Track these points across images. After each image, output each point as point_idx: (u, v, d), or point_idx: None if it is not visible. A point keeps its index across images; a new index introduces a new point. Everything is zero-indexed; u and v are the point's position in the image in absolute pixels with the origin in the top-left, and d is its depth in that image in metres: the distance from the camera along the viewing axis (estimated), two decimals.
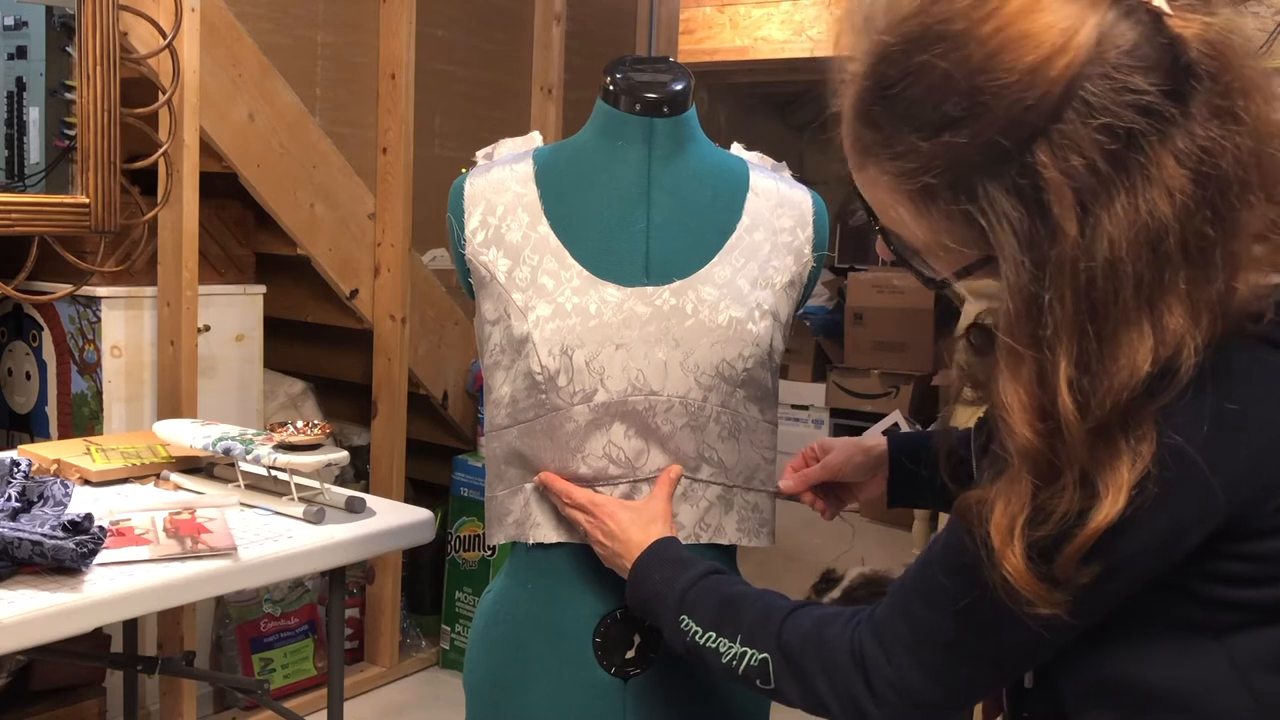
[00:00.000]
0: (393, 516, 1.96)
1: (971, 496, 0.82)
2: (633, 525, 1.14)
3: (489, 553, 3.37)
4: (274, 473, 1.97)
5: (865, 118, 0.82)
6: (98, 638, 2.51)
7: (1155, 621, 0.85)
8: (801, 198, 1.28)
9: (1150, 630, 0.85)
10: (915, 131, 0.78)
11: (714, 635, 1.01)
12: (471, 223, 1.22)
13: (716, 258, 1.21)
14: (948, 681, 0.89)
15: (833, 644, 0.93)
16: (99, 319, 2.68)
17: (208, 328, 2.82)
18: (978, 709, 1.96)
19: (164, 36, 2.54)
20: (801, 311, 1.31)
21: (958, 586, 0.85)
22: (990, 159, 0.75)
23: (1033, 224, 0.75)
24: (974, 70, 0.75)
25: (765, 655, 0.97)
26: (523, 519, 1.22)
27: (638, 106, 1.21)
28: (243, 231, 3.02)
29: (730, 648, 0.99)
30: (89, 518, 1.57)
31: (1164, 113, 0.74)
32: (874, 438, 1.31)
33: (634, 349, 1.16)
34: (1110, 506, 0.75)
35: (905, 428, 4.66)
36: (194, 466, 2.11)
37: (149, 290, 2.72)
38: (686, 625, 1.03)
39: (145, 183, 2.66)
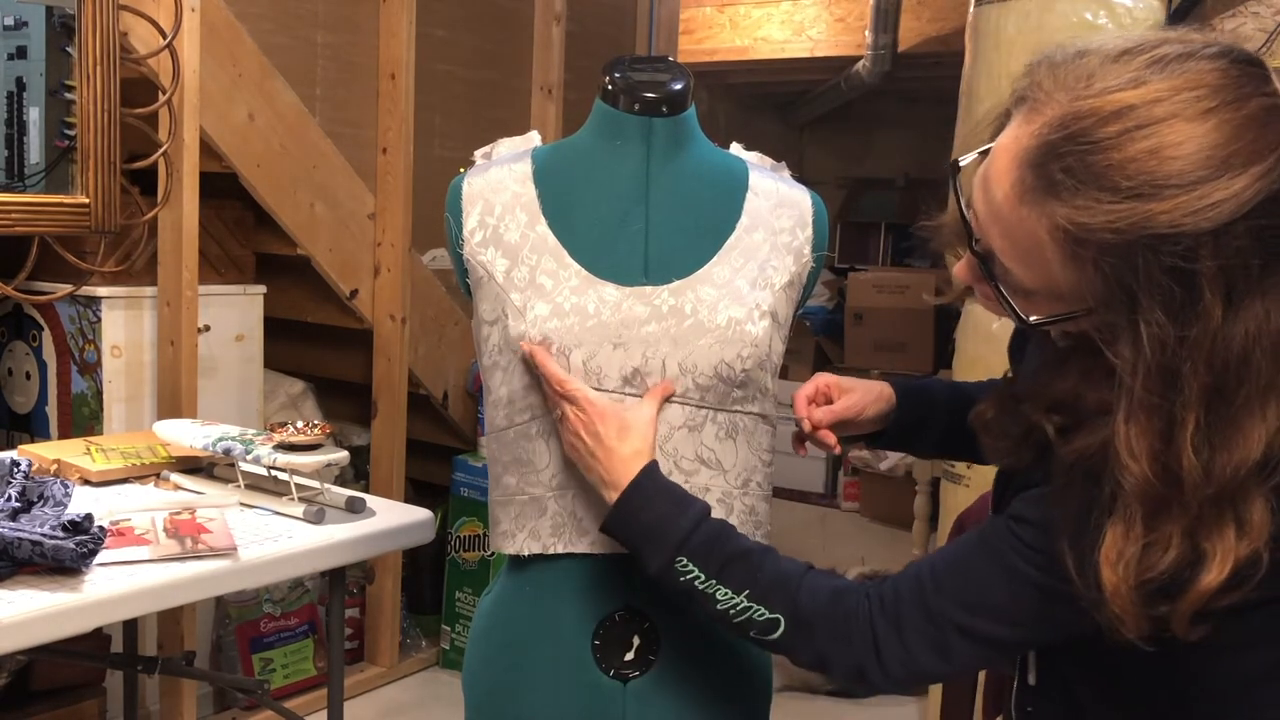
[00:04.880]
0: (393, 516, 1.96)
1: (1065, 518, 0.88)
2: (620, 439, 1.11)
3: (489, 553, 3.37)
4: (274, 473, 1.97)
5: (1053, 160, 0.84)
6: (98, 638, 2.50)
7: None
8: (800, 198, 1.28)
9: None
10: (1103, 191, 0.82)
11: (714, 583, 1.05)
12: (469, 222, 1.22)
13: (715, 258, 1.21)
14: (954, 661, 0.99)
15: (848, 618, 1.01)
16: (99, 319, 2.67)
17: (208, 328, 2.82)
18: (978, 709, 1.96)
19: (164, 36, 2.54)
20: (801, 311, 1.31)
21: (986, 584, 0.96)
22: (1156, 236, 0.81)
23: (1182, 300, 0.81)
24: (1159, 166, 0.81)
25: (777, 616, 1.03)
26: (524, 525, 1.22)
27: (636, 106, 1.21)
28: (243, 231, 3.02)
29: (730, 598, 1.04)
30: (89, 518, 1.57)
31: None
32: (880, 384, 1.32)
33: (632, 349, 1.16)
34: (1219, 569, 0.82)
35: None
36: (194, 466, 2.11)
37: (149, 290, 2.72)
38: (684, 566, 1.06)
39: (145, 183, 2.66)
